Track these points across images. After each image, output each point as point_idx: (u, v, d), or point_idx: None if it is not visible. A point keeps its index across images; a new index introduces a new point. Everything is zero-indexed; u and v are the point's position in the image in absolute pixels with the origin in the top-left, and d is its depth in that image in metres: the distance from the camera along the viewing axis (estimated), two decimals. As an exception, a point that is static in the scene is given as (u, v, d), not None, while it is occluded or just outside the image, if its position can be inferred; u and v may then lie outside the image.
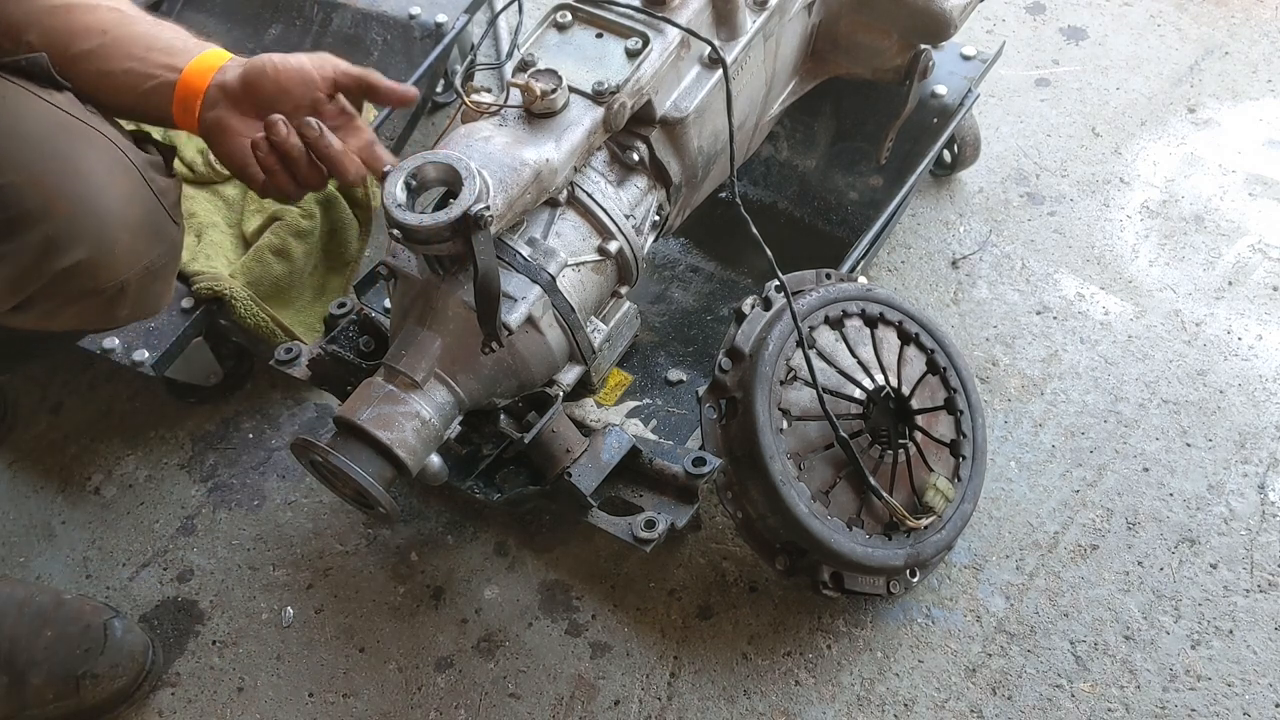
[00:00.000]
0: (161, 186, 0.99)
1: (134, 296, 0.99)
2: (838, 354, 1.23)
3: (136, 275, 0.97)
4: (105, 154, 0.94)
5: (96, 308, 0.98)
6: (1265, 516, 1.33)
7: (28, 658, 1.18)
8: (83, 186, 0.91)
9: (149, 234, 0.97)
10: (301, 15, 1.78)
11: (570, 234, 1.13)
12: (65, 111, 0.94)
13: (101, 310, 0.99)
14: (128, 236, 0.94)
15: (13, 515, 1.45)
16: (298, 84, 1.04)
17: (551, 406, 1.11)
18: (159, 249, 0.99)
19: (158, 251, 0.99)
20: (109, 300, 0.97)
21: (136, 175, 0.96)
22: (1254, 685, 1.20)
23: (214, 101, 1.03)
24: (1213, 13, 1.97)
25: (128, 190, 0.95)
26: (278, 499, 1.44)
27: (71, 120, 0.94)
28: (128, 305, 1.00)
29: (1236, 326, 1.52)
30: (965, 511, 1.25)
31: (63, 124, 0.93)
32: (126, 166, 0.96)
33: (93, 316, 1.00)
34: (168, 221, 1.00)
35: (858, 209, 1.57)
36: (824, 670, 1.24)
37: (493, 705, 1.24)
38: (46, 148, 0.91)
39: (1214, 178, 1.71)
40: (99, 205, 0.92)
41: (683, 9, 1.15)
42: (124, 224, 0.94)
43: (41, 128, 0.92)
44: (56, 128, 0.93)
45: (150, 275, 0.99)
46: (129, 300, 0.99)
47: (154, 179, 0.98)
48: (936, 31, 1.38)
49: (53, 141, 0.92)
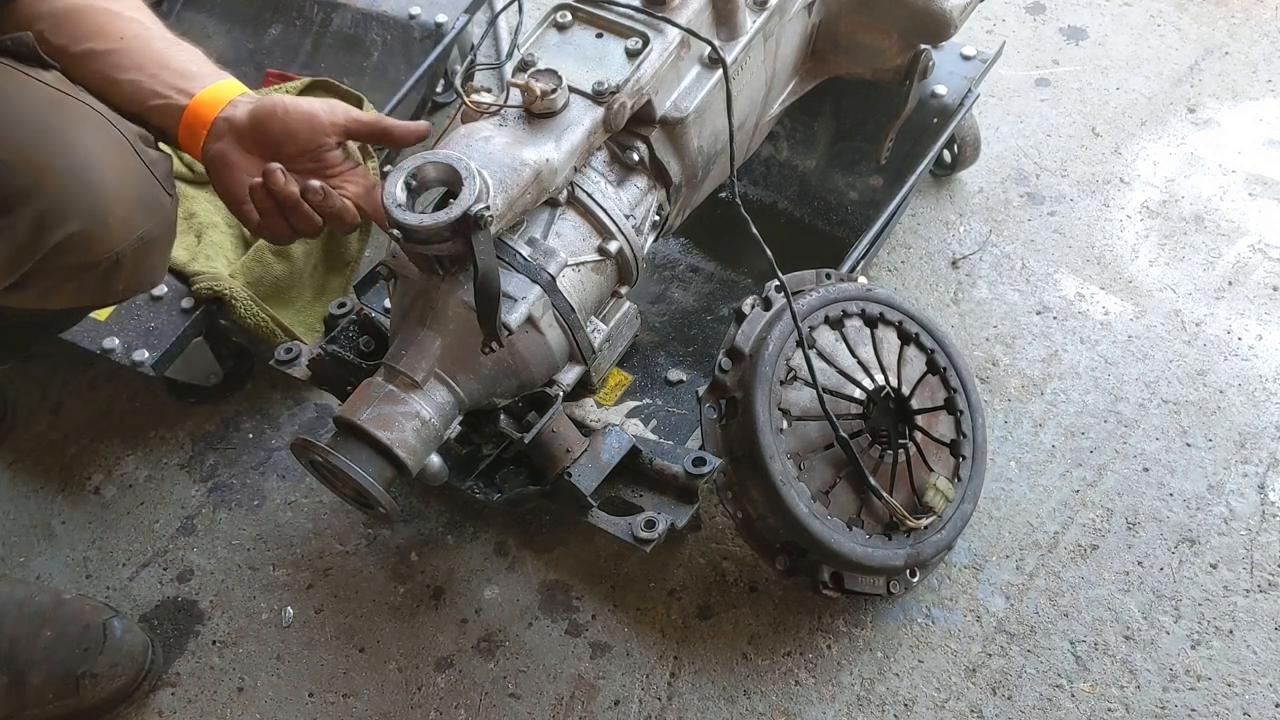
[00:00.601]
0: (152, 158, 0.99)
1: (129, 269, 0.99)
2: (838, 354, 1.23)
3: (131, 247, 0.97)
4: (95, 127, 0.95)
5: (93, 282, 0.99)
6: (1265, 516, 1.33)
7: (27, 657, 1.18)
8: (74, 160, 0.92)
9: (142, 205, 0.97)
10: (301, 15, 1.78)
11: (570, 234, 1.13)
12: (53, 88, 0.94)
13: (98, 284, 0.99)
14: (120, 208, 0.95)
15: (13, 515, 1.45)
16: (306, 129, 1.04)
17: (551, 406, 1.11)
18: (153, 220, 0.99)
19: (152, 222, 0.99)
20: (105, 274, 0.98)
21: (127, 147, 0.96)
22: (1254, 685, 1.20)
23: (220, 134, 1.03)
24: (1213, 13, 1.97)
25: (119, 162, 0.95)
26: (278, 499, 1.44)
27: (60, 95, 0.94)
28: (124, 278, 1.00)
29: (1236, 326, 1.52)
30: (965, 511, 1.25)
31: (52, 99, 0.93)
32: (117, 139, 0.96)
33: (90, 291, 1.00)
34: (160, 192, 1.00)
35: (858, 209, 1.57)
36: (824, 670, 1.24)
37: (493, 705, 1.24)
38: (36, 123, 0.91)
39: (1214, 178, 1.71)
40: (91, 178, 0.92)
41: (683, 9, 1.15)
42: (116, 195, 0.94)
43: (30, 104, 0.92)
44: (45, 103, 0.93)
45: (145, 247, 0.99)
46: (125, 273, 0.99)
47: (145, 151, 0.98)
48: (936, 31, 1.38)
49: (42, 117, 0.92)
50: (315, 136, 1.04)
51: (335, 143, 1.06)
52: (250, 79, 1.74)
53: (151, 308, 1.40)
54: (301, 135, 1.03)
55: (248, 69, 1.77)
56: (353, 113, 1.07)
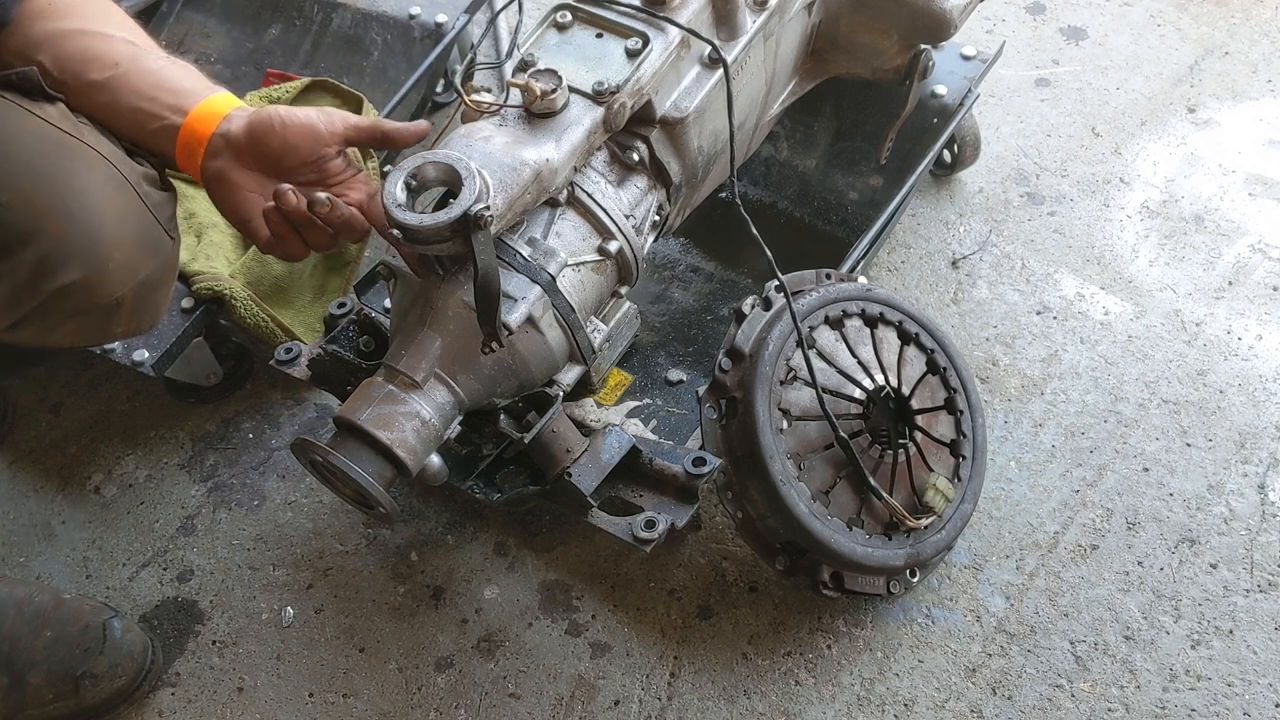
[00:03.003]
0: (155, 200, 0.98)
1: (130, 311, 0.98)
2: (838, 354, 1.23)
3: (132, 291, 0.96)
4: (98, 170, 0.93)
5: (93, 324, 0.97)
6: (1265, 516, 1.33)
7: (27, 658, 1.18)
8: (75, 204, 0.90)
9: (143, 249, 0.96)
10: (301, 15, 1.78)
11: (570, 234, 1.13)
12: (56, 127, 0.93)
13: (98, 326, 0.98)
14: (121, 253, 0.93)
15: (13, 515, 1.45)
16: (306, 140, 1.01)
17: (551, 406, 1.11)
18: (154, 263, 0.97)
19: (153, 265, 0.97)
20: (105, 316, 0.97)
21: (130, 190, 0.95)
22: (1254, 685, 1.20)
23: (217, 151, 1.00)
24: (1213, 13, 1.97)
25: (121, 206, 0.94)
26: (278, 499, 1.44)
27: (63, 136, 0.93)
28: (124, 320, 0.99)
29: (1236, 326, 1.52)
30: (965, 511, 1.25)
31: (54, 140, 0.92)
32: (120, 181, 0.94)
33: (90, 332, 0.99)
34: (162, 235, 0.98)
35: (858, 209, 1.57)
36: (824, 670, 1.24)
37: (493, 705, 1.24)
38: (38, 166, 0.90)
39: (1214, 178, 1.71)
40: (92, 223, 0.91)
41: (683, 9, 1.15)
42: (118, 241, 0.93)
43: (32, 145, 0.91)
44: (48, 144, 0.92)
45: (146, 289, 0.98)
46: (125, 315, 0.98)
47: (148, 193, 0.97)
48: (936, 31, 1.38)
49: (44, 159, 0.90)
50: (315, 148, 1.02)
51: (336, 152, 1.04)
52: (250, 79, 1.75)
53: (151, 308, 1.40)
54: (302, 148, 1.01)
55: (248, 69, 1.77)
56: (350, 119, 1.05)
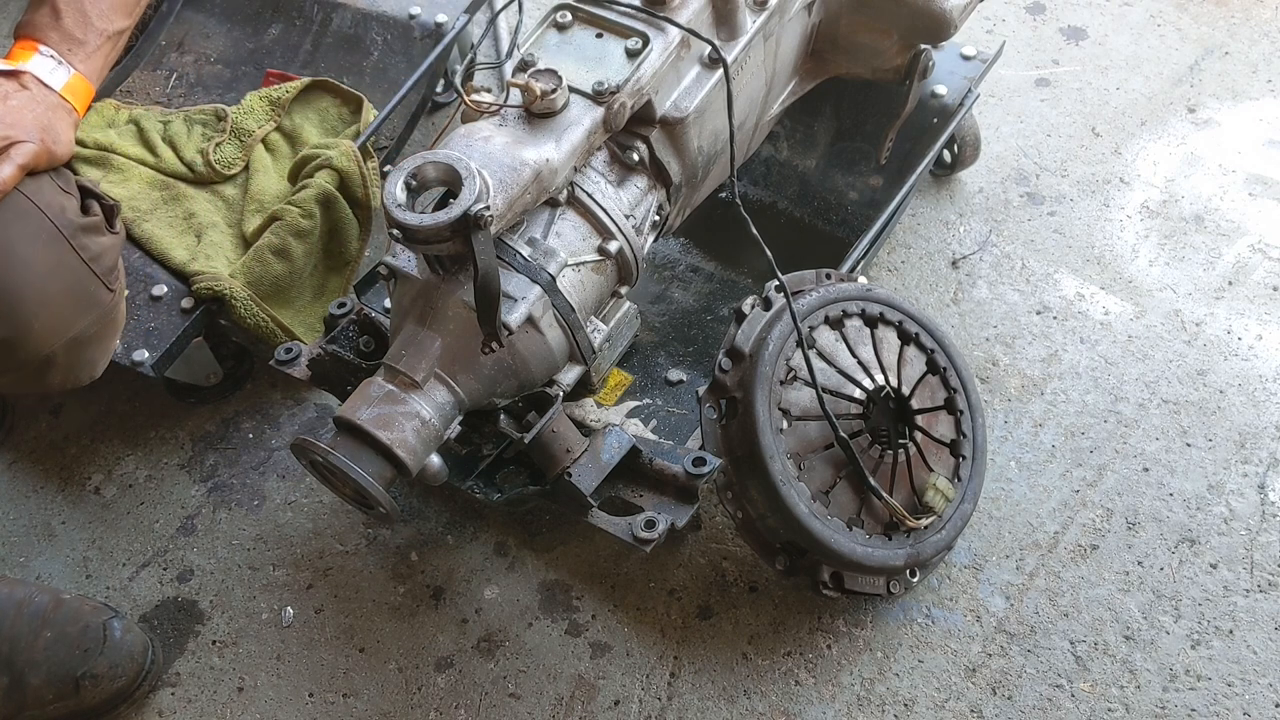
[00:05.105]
0: (94, 252, 0.96)
1: (64, 365, 0.97)
2: (838, 354, 1.23)
3: (64, 347, 0.95)
4: (29, 224, 0.91)
5: (26, 377, 0.97)
6: (1265, 516, 1.33)
7: (27, 658, 1.18)
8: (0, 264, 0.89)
9: (74, 305, 0.95)
10: (301, 15, 1.78)
11: (570, 234, 1.13)
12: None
13: (31, 379, 0.97)
14: (48, 312, 0.92)
15: (13, 515, 1.45)
16: None
17: (551, 406, 1.11)
18: (86, 318, 0.96)
19: (85, 321, 0.96)
20: (37, 371, 0.96)
21: (63, 245, 0.93)
22: (1254, 685, 1.20)
23: None
24: (1213, 13, 1.97)
25: (51, 262, 0.92)
26: (278, 499, 1.44)
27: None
28: (58, 374, 0.98)
29: (1236, 326, 1.52)
30: (965, 511, 1.25)
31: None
32: (53, 235, 0.92)
33: (25, 383, 0.99)
34: (100, 288, 0.97)
35: (858, 209, 1.57)
36: (824, 670, 1.24)
37: (493, 705, 1.24)
38: None
39: (1214, 178, 1.71)
40: (14, 282, 0.89)
41: (683, 9, 1.15)
42: (43, 300, 0.91)
43: None
44: None
45: (78, 345, 0.97)
46: (59, 370, 0.97)
47: (85, 246, 0.95)
48: (936, 31, 1.38)
49: None
50: None
51: None
52: (250, 79, 1.75)
53: (151, 308, 1.40)
54: None
55: (248, 69, 1.77)
56: None
